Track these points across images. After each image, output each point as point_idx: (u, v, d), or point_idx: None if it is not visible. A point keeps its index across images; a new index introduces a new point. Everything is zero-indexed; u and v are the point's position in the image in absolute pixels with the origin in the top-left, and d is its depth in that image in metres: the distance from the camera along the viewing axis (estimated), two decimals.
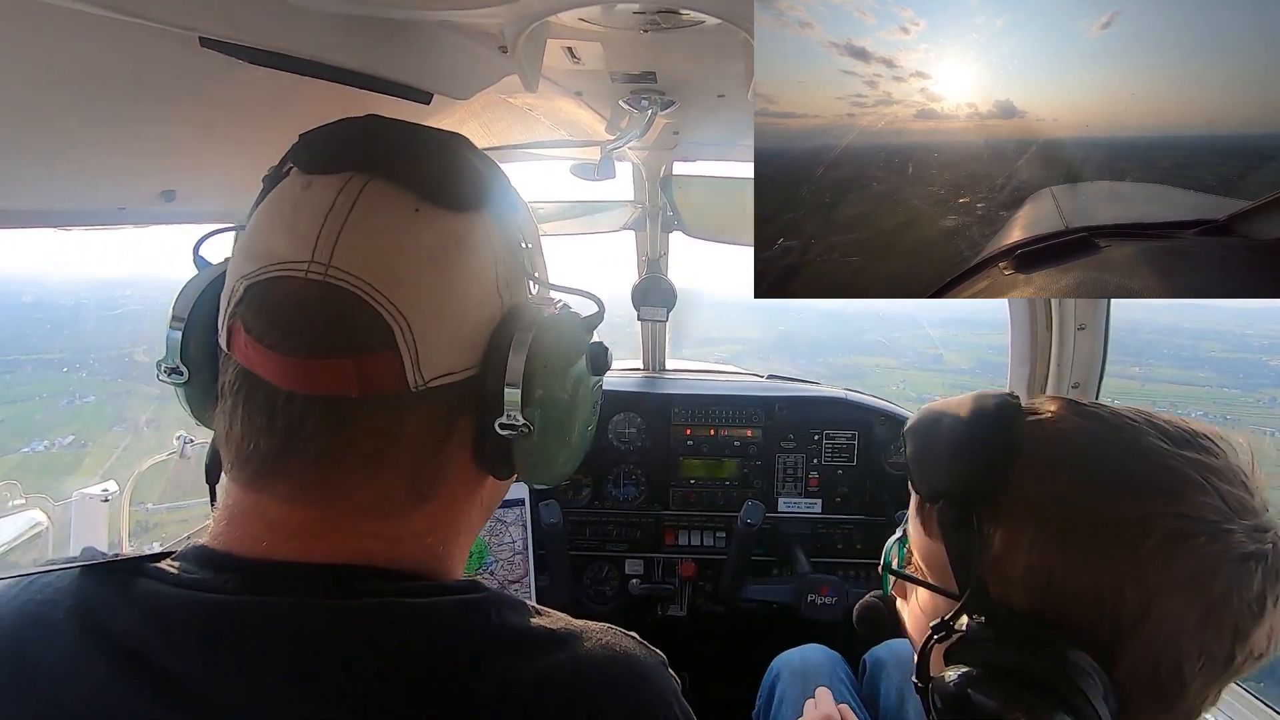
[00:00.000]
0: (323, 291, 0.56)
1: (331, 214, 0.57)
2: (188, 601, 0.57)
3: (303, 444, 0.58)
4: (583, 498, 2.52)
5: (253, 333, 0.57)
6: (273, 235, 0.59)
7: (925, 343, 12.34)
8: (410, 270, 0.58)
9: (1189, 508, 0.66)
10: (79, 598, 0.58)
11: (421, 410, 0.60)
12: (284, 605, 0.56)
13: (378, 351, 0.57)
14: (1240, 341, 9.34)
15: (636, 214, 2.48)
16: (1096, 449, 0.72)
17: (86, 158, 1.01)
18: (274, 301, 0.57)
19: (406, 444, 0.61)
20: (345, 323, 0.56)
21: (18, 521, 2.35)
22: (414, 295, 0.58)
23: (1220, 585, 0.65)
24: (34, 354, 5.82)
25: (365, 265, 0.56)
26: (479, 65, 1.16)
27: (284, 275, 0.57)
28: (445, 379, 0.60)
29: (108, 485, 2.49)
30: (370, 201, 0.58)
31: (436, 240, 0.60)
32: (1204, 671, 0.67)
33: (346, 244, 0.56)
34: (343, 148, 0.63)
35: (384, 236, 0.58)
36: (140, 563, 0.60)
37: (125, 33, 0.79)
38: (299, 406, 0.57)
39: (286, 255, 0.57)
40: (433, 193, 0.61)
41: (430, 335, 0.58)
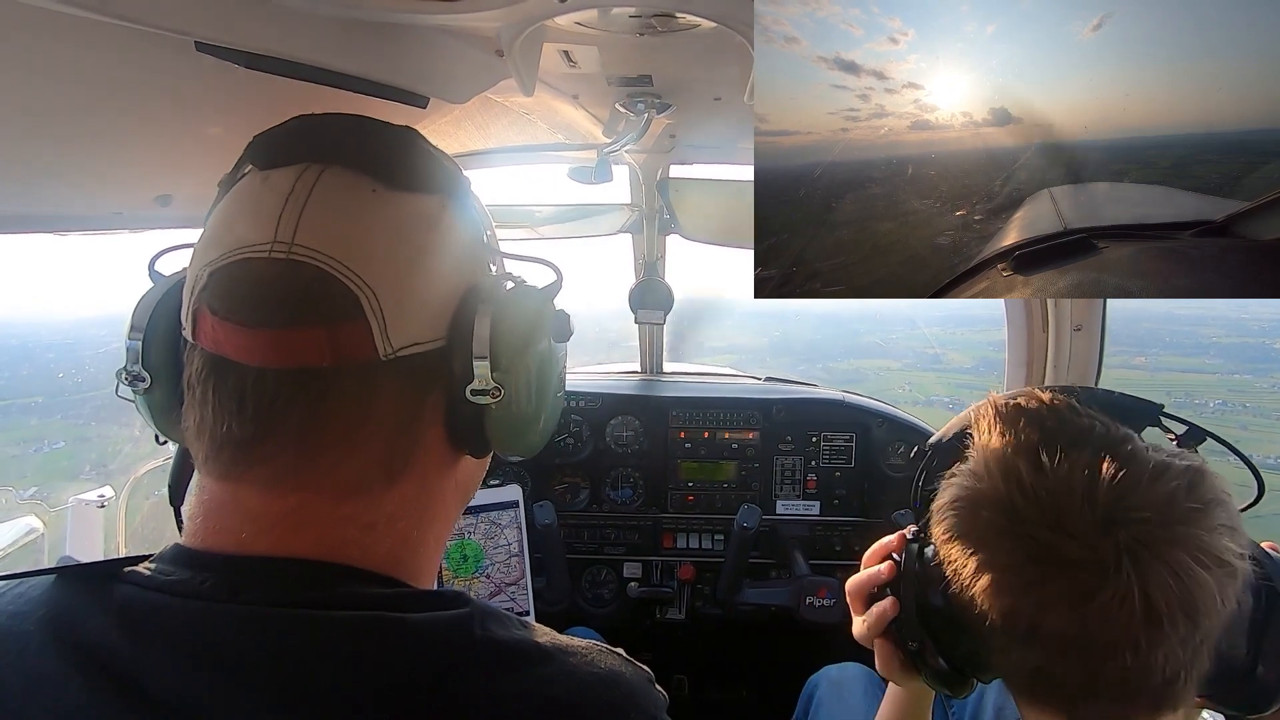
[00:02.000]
0: (288, 268, 0.57)
1: (291, 197, 0.59)
2: (165, 608, 0.55)
3: (279, 422, 0.58)
4: (580, 501, 2.52)
5: (219, 313, 0.57)
6: (234, 224, 0.60)
7: (923, 343, 12.33)
8: (372, 244, 0.59)
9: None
10: (51, 608, 0.57)
11: (393, 380, 0.61)
12: (263, 616, 0.55)
13: (347, 321, 0.57)
14: (1238, 325, 9.33)
15: (633, 217, 2.48)
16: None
17: (83, 163, 1.00)
18: (240, 281, 0.58)
19: (380, 416, 0.61)
20: (313, 294, 0.57)
21: (14, 528, 2.34)
22: (378, 267, 0.59)
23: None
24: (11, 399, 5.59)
25: (328, 241, 0.57)
26: (475, 69, 1.16)
27: (248, 257, 0.57)
28: (414, 348, 0.61)
29: (104, 491, 2.48)
30: (328, 185, 0.60)
31: (396, 217, 0.62)
32: None
33: (308, 223, 0.58)
34: (297, 142, 0.64)
35: (344, 214, 0.59)
36: (115, 566, 0.59)
37: (121, 38, 0.79)
38: (271, 383, 0.57)
39: (249, 239, 0.58)
40: (389, 175, 0.62)
41: (397, 304, 0.59)
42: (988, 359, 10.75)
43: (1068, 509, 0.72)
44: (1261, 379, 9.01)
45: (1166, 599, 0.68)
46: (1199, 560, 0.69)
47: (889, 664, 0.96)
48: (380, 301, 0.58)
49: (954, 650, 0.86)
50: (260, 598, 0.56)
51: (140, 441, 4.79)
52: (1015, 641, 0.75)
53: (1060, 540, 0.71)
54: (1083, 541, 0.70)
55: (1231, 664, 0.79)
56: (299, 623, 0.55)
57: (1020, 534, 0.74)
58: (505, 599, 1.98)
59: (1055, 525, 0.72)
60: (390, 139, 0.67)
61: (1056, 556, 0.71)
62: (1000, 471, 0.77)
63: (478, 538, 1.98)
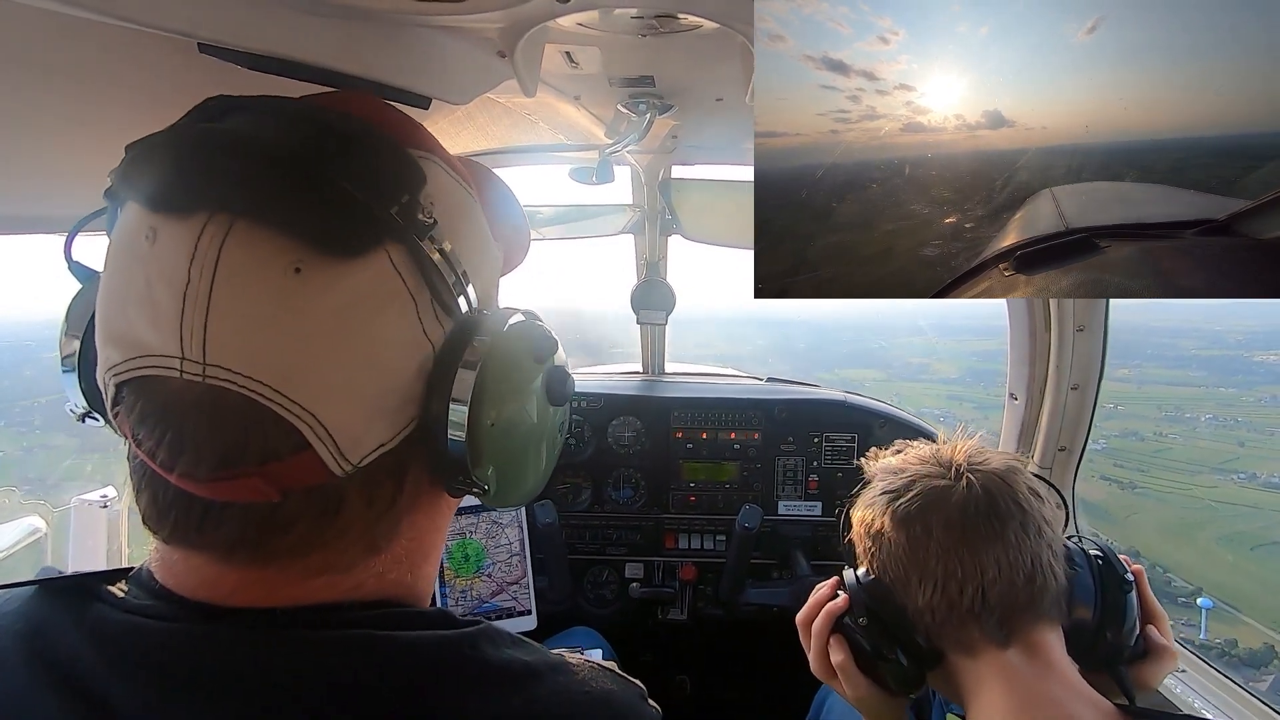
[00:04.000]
0: (205, 396, 0.47)
1: (189, 290, 0.46)
2: (136, 629, 0.52)
3: (226, 529, 0.51)
4: (582, 501, 2.52)
5: (143, 448, 0.50)
6: (130, 313, 0.49)
7: (910, 352, 12.29)
8: (304, 354, 0.48)
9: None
10: (28, 621, 0.54)
11: (358, 484, 0.53)
12: (244, 638, 0.51)
13: (287, 458, 0.49)
14: (1215, 337, 9.34)
15: (635, 217, 2.48)
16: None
17: (85, 164, 1.01)
18: (154, 409, 0.49)
19: (349, 514, 0.54)
20: (242, 433, 0.48)
21: (17, 528, 2.35)
22: (315, 383, 0.48)
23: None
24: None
25: (247, 360, 0.46)
26: (478, 70, 1.16)
27: (157, 374, 0.48)
28: (379, 450, 0.53)
29: (107, 492, 2.48)
30: (234, 267, 0.46)
31: (332, 307, 0.48)
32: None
33: (218, 332, 0.46)
34: (190, 174, 0.50)
35: (262, 316, 0.47)
36: (92, 583, 0.55)
37: (124, 39, 0.79)
38: (216, 504, 0.50)
39: (153, 346, 0.47)
40: (316, 237, 0.48)
41: (347, 421, 0.50)
42: (974, 369, 10.73)
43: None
44: (1247, 392, 9.04)
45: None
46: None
47: (848, 669, 1.06)
48: (326, 426, 0.49)
49: (897, 621, 1.01)
50: (240, 622, 0.52)
51: None
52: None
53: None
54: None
55: (1083, 628, 1.02)
56: (283, 642, 0.51)
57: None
58: (507, 598, 1.98)
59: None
60: (314, 159, 0.50)
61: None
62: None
63: (479, 537, 1.98)
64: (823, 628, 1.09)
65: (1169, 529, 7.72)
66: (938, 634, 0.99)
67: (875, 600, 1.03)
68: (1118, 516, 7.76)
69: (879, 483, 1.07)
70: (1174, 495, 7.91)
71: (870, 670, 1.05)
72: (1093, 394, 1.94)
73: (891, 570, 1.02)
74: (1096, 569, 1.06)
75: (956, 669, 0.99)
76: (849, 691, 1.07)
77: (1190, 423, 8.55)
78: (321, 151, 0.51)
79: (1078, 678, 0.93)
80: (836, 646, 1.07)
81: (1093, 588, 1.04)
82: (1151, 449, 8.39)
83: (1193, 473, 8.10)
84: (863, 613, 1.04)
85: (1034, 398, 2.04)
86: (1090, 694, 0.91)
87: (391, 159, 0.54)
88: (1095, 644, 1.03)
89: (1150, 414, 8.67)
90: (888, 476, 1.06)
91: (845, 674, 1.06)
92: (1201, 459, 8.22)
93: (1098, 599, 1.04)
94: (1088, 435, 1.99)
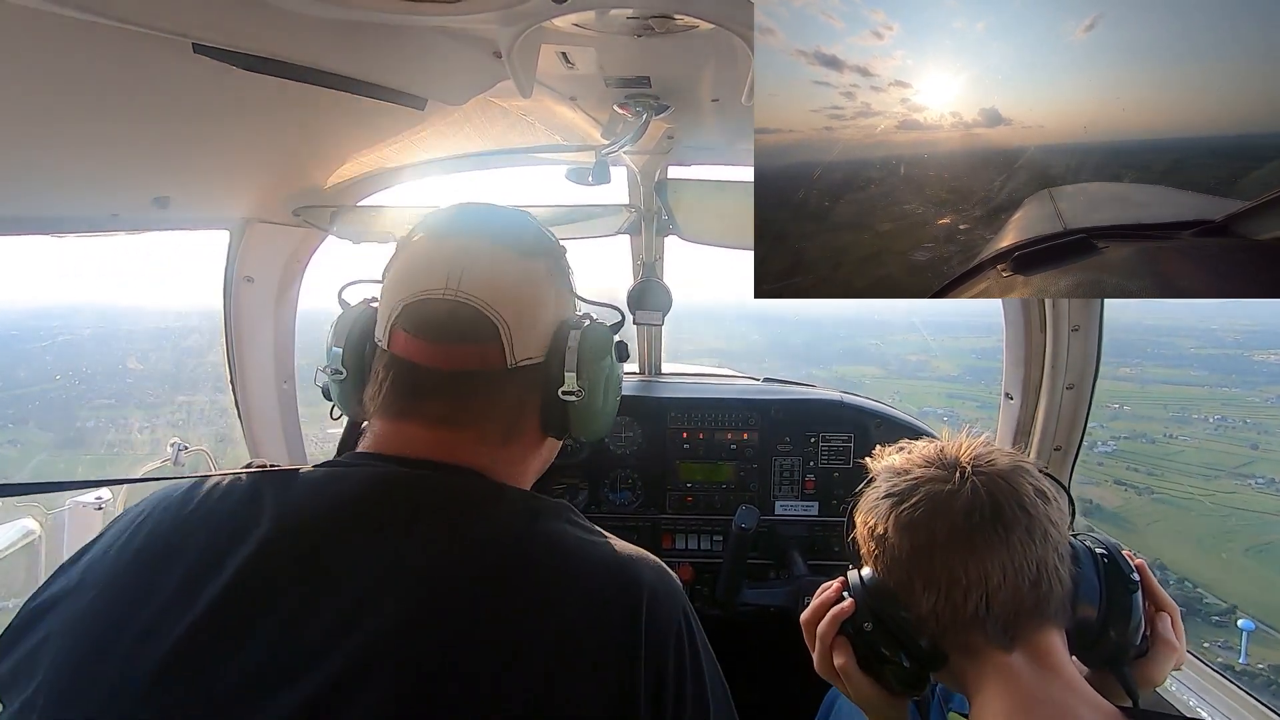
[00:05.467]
0: (455, 307, 0.88)
1: (456, 256, 0.90)
2: (366, 467, 0.88)
3: (438, 397, 0.90)
4: (579, 502, 2.51)
5: (410, 331, 0.90)
6: (416, 273, 0.91)
7: (908, 349, 12.20)
8: (507, 292, 0.91)
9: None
10: (250, 490, 0.85)
11: (513, 382, 0.93)
12: (390, 472, 0.87)
13: (489, 342, 0.89)
14: (1210, 336, 9.11)
15: (632, 218, 2.47)
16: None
17: (80, 164, 1.00)
18: (424, 313, 0.89)
19: (504, 403, 0.93)
20: (470, 324, 0.89)
21: (11, 530, 2.33)
22: (509, 308, 0.90)
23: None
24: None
25: (481, 289, 0.89)
26: (473, 71, 1.16)
27: (428, 297, 0.89)
28: (528, 361, 0.92)
29: (101, 494, 2.47)
30: (480, 250, 0.92)
31: (520, 274, 0.93)
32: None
33: (468, 276, 0.89)
34: (456, 222, 0.97)
35: (490, 271, 0.91)
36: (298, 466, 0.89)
37: (119, 40, 0.78)
38: (436, 377, 0.90)
39: (429, 285, 0.89)
40: (516, 245, 0.94)
41: (519, 332, 0.91)
42: (973, 367, 10.62)
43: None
44: (1251, 392, 8.82)
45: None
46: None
47: (850, 671, 1.07)
48: (510, 330, 0.90)
49: (901, 626, 1.02)
50: (431, 466, 0.88)
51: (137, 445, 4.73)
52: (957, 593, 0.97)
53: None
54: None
55: (1088, 627, 1.03)
56: (432, 477, 0.87)
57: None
58: None
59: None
60: (516, 221, 0.99)
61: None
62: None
63: None
64: (827, 631, 1.09)
65: (1194, 539, 7.41)
66: (941, 638, 0.99)
67: (879, 604, 1.03)
68: (1138, 525, 7.48)
69: (883, 484, 1.06)
70: (1194, 502, 7.61)
71: (873, 672, 1.05)
72: (1088, 394, 1.95)
73: (895, 574, 1.02)
74: (1102, 568, 1.06)
75: (960, 670, 0.99)
76: (852, 693, 1.08)
77: (1198, 424, 8.33)
78: (523, 216, 1.02)
79: (1080, 680, 0.93)
80: (840, 649, 1.08)
81: (1098, 587, 1.04)
82: (1162, 451, 8.12)
83: (1209, 477, 7.80)
84: (867, 617, 1.04)
85: (1029, 397, 2.04)
86: (1093, 696, 0.91)
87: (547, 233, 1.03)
88: (1099, 643, 1.03)
89: (1157, 414, 8.40)
90: (892, 478, 1.05)
91: (848, 676, 1.07)
92: (1215, 462, 7.93)
93: (1103, 599, 1.04)
94: (1083, 435, 2.00)
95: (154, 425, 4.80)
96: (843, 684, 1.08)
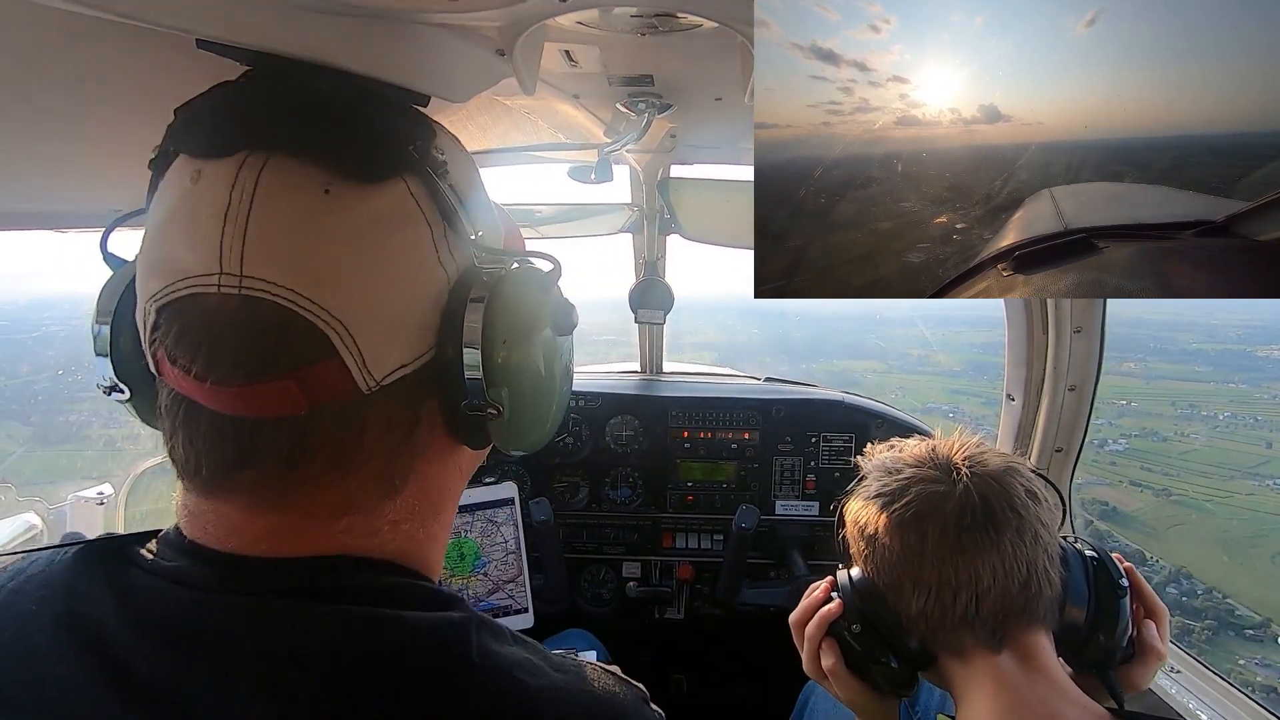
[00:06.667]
0: (242, 307, 0.50)
1: (230, 212, 0.50)
2: (162, 594, 0.54)
3: (255, 460, 0.54)
4: (579, 500, 2.52)
5: (178, 363, 0.52)
6: (172, 242, 0.53)
7: (909, 344, 12.09)
8: (333, 265, 0.52)
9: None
10: (60, 583, 0.56)
11: (379, 407, 0.56)
12: (260, 607, 0.53)
13: (317, 363, 0.52)
14: (1211, 331, 8.86)
15: (634, 217, 2.48)
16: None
17: (82, 160, 1.00)
18: (192, 325, 0.52)
19: (370, 442, 0.57)
20: (275, 339, 0.51)
21: (13, 524, 2.34)
22: (343, 293, 0.52)
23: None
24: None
25: (281, 269, 0.50)
26: (476, 68, 1.16)
27: (195, 292, 0.51)
28: (399, 372, 0.56)
29: (103, 489, 2.48)
30: (271, 188, 0.51)
31: (357, 224, 0.53)
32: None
33: (255, 247, 0.50)
34: (229, 121, 0.55)
35: (296, 230, 0.51)
36: (124, 545, 0.58)
37: (122, 35, 0.78)
38: (246, 426, 0.53)
39: (192, 268, 0.51)
40: (343, 165, 0.53)
41: (371, 333, 0.53)
42: (976, 362, 10.52)
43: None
44: (1257, 388, 8.59)
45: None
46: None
47: (838, 673, 1.06)
48: (353, 334, 0.52)
49: (889, 627, 1.02)
50: (259, 588, 0.54)
51: (140, 439, 4.72)
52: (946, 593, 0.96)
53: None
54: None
55: (1075, 630, 1.03)
56: (294, 615, 0.53)
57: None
58: (503, 596, 1.98)
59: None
60: (342, 107, 0.58)
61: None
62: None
63: (475, 536, 1.98)
64: (815, 632, 1.09)
65: (1219, 544, 6.93)
66: (930, 638, 0.99)
67: (868, 605, 1.03)
68: (1159, 529, 7.08)
69: (874, 482, 1.06)
70: (1214, 504, 7.26)
71: (862, 672, 1.05)
72: (1090, 395, 1.95)
73: (885, 574, 1.02)
74: (1091, 572, 1.06)
75: (948, 671, 0.99)
76: (840, 693, 1.08)
77: (1208, 420, 8.06)
78: (347, 97, 0.60)
79: (1067, 681, 0.93)
80: (828, 650, 1.08)
81: (1086, 592, 1.04)
82: (1176, 450, 7.80)
83: (1226, 477, 7.47)
84: (856, 619, 1.04)
85: (1031, 398, 2.04)
86: (1079, 697, 0.91)
87: (408, 111, 0.63)
88: (1086, 646, 1.03)
89: (1165, 411, 8.05)
90: (883, 477, 1.06)
91: (836, 677, 1.07)
92: (1230, 461, 7.62)
93: (1091, 603, 1.04)
94: (1084, 436, 2.00)
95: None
96: (831, 685, 1.08)
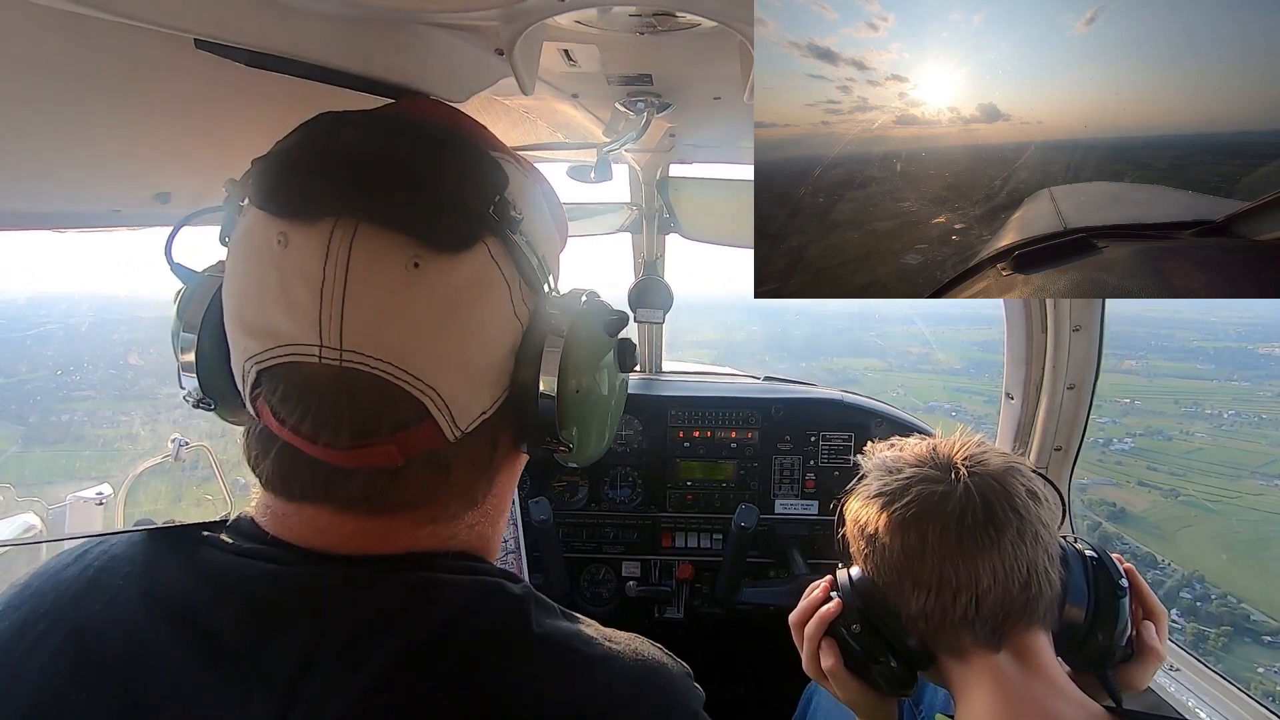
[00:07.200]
0: (342, 376, 0.55)
1: (325, 288, 0.53)
2: (248, 570, 0.59)
3: (349, 493, 0.60)
4: (579, 499, 2.52)
5: (286, 422, 0.57)
6: (267, 306, 0.56)
7: (909, 342, 12.04)
8: (424, 336, 0.56)
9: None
10: (140, 562, 0.61)
11: (465, 448, 0.62)
12: (345, 575, 0.59)
13: (413, 426, 0.57)
14: (1211, 329, 8.77)
15: (633, 216, 2.48)
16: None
17: (81, 160, 1.00)
18: (295, 390, 0.56)
19: (455, 476, 0.63)
20: (376, 408, 0.56)
21: (12, 525, 2.34)
22: (434, 360, 0.56)
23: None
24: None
25: (377, 344, 0.54)
26: (475, 67, 1.16)
27: (296, 360, 0.55)
28: (481, 419, 0.62)
29: (102, 489, 2.48)
30: (364, 262, 0.54)
31: (445, 294, 0.56)
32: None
33: (352, 321, 0.54)
34: (313, 182, 0.57)
35: (388, 307, 0.54)
36: (197, 530, 0.62)
37: (121, 35, 0.78)
38: (338, 471, 0.59)
39: (293, 336, 0.55)
40: (429, 236, 0.55)
41: (459, 393, 0.59)
42: (976, 359, 10.47)
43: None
44: (1260, 386, 8.49)
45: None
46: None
47: (838, 672, 1.06)
48: (444, 397, 0.57)
49: (889, 627, 1.01)
50: (349, 566, 0.60)
51: (139, 439, 4.72)
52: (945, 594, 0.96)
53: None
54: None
55: (1074, 630, 1.03)
56: (373, 579, 0.59)
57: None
58: None
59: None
60: (419, 167, 0.58)
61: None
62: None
63: None
64: (815, 632, 1.09)
65: (1230, 546, 6.83)
66: (930, 638, 0.99)
67: (868, 604, 1.03)
68: (1169, 531, 6.96)
69: (875, 481, 1.06)
70: (1223, 505, 7.14)
71: (861, 672, 1.05)
72: (1089, 393, 1.95)
73: (885, 574, 1.01)
74: (1090, 572, 1.06)
75: (947, 670, 0.99)
76: (840, 693, 1.08)
77: (1212, 419, 7.96)
78: (424, 158, 0.59)
79: (1066, 680, 0.94)
80: (827, 650, 1.07)
81: (1086, 592, 1.04)
82: (1181, 449, 7.72)
83: (1234, 477, 7.34)
84: (855, 619, 1.04)
85: (1030, 397, 2.04)
86: (1078, 695, 0.91)
87: (480, 162, 0.62)
88: (1085, 645, 1.03)
89: (1169, 409, 7.98)
90: (884, 475, 1.05)
91: (835, 677, 1.07)
92: (1236, 461, 7.53)
93: (1090, 603, 1.04)
94: (1083, 435, 2.00)
95: (155, 420, 4.81)
96: (830, 685, 1.08)
